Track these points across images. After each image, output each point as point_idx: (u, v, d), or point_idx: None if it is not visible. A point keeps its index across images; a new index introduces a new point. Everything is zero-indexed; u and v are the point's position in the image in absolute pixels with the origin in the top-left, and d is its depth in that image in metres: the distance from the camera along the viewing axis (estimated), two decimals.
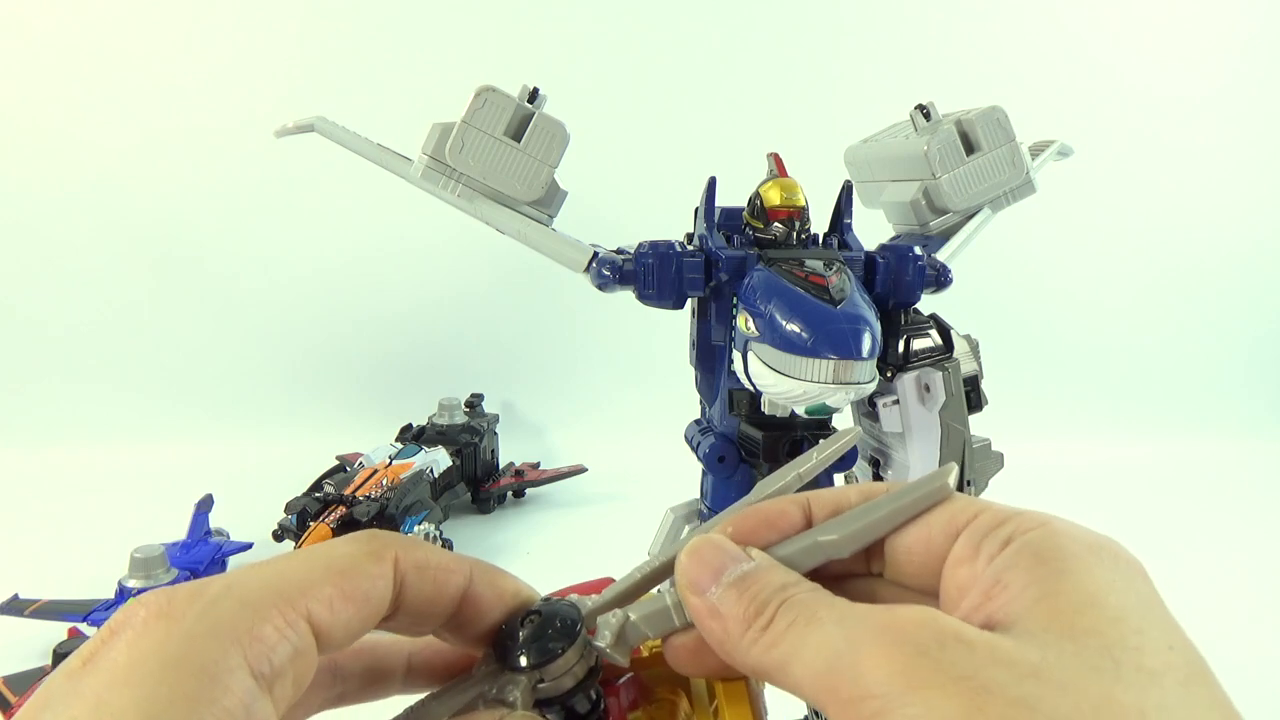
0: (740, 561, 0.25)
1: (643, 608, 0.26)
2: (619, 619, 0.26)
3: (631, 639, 0.26)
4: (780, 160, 0.57)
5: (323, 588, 0.23)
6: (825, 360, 0.45)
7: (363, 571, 0.24)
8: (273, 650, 0.21)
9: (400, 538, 0.26)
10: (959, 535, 0.24)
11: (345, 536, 0.26)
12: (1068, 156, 0.79)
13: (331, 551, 0.25)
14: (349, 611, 0.24)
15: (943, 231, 0.65)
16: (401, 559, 0.25)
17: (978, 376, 0.60)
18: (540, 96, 0.58)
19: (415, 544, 0.26)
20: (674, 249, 0.54)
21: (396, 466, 1.14)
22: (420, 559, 0.26)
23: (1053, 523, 0.23)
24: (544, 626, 0.26)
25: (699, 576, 0.25)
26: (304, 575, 0.23)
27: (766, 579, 0.24)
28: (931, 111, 0.65)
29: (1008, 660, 0.20)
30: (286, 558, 0.24)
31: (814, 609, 0.23)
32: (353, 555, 0.25)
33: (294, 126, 0.67)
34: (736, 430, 0.58)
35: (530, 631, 0.26)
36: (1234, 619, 0.99)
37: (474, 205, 0.58)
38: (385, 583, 0.25)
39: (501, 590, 0.28)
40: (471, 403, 1.38)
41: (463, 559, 0.27)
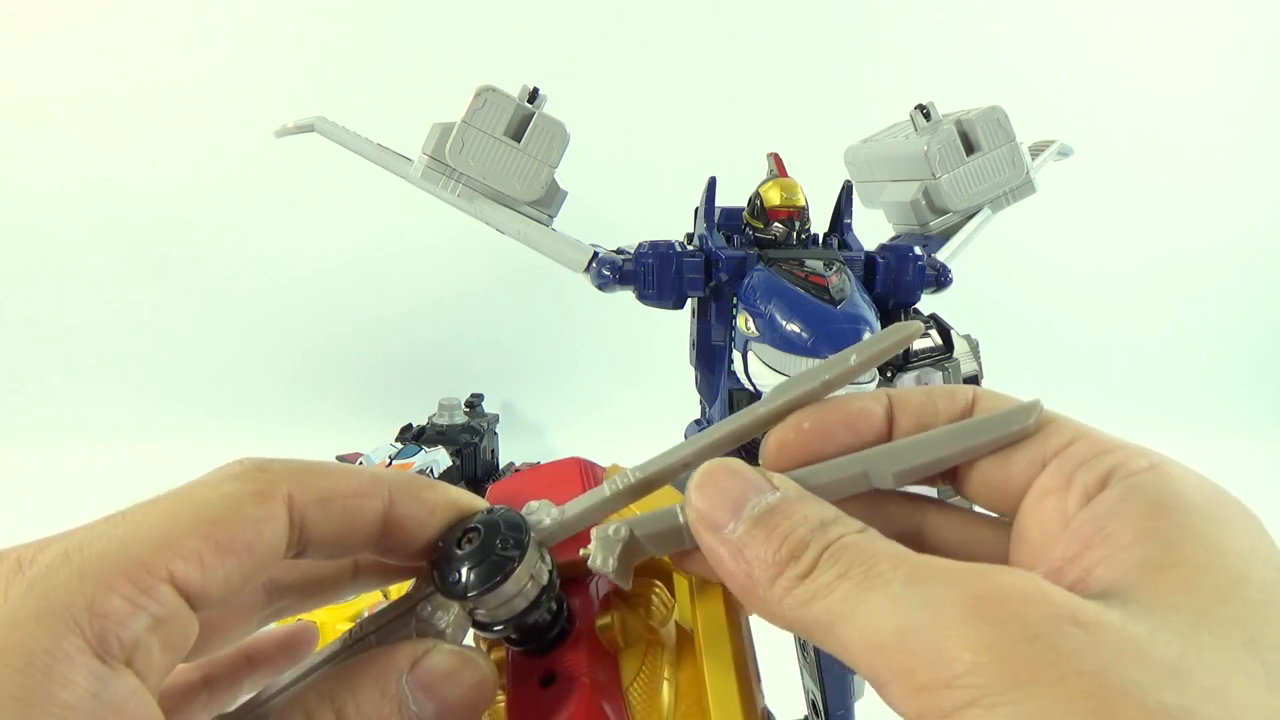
0: (764, 491, 0.21)
1: (649, 524, 0.23)
2: (620, 534, 0.23)
3: (634, 557, 0.23)
4: (780, 160, 0.57)
5: (187, 541, 0.19)
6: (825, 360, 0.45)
7: (241, 516, 0.20)
8: (122, 625, 0.18)
9: (296, 466, 0.22)
10: (1047, 463, 0.21)
11: (223, 471, 0.22)
12: (1068, 156, 0.79)
13: (202, 495, 0.21)
14: (227, 565, 0.20)
15: (943, 231, 0.65)
16: (296, 494, 0.21)
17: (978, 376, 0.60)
18: (540, 96, 0.58)
19: (315, 472, 0.22)
20: (674, 249, 0.54)
21: (396, 466, 1.14)
22: (322, 489, 0.22)
23: (1165, 464, 0.20)
24: (484, 549, 0.23)
25: (714, 509, 0.21)
26: (162, 530, 0.20)
27: (800, 513, 0.20)
28: (931, 111, 0.65)
29: (1141, 654, 0.16)
30: (143, 506, 0.20)
31: (873, 560, 0.19)
32: (229, 498, 0.21)
33: (294, 127, 0.67)
34: None
35: (468, 553, 0.23)
36: None
37: (474, 205, 0.58)
38: (275, 526, 0.21)
39: (431, 505, 0.24)
40: (471, 403, 1.38)
41: (378, 478, 0.23)
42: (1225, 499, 0.19)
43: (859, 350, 0.24)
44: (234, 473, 0.22)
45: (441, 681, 0.22)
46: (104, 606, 0.18)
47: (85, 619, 0.18)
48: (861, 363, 0.24)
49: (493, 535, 0.23)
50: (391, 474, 0.24)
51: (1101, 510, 0.19)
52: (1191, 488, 0.19)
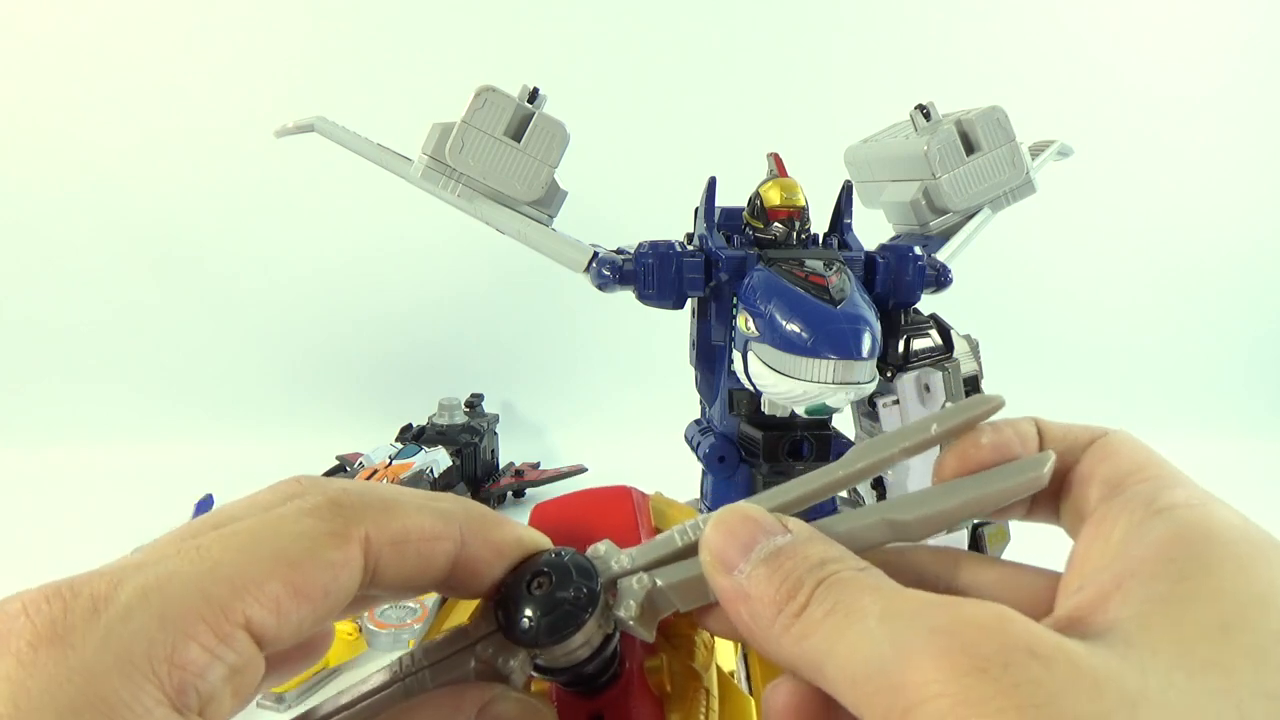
0: (775, 534, 0.21)
1: (673, 573, 0.23)
2: (644, 586, 0.23)
3: (660, 609, 0.23)
4: (780, 160, 0.57)
5: (266, 585, 0.19)
6: (825, 360, 0.45)
7: (321, 560, 0.20)
8: (200, 677, 0.18)
9: (373, 501, 0.22)
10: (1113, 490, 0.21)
11: (299, 502, 0.21)
12: (1068, 156, 0.79)
13: (280, 531, 0.20)
14: (301, 611, 0.19)
15: (943, 231, 0.65)
16: (373, 536, 0.21)
17: (978, 376, 0.60)
18: (540, 96, 0.58)
19: (391, 510, 0.22)
20: (674, 249, 0.55)
21: (396, 466, 1.14)
22: (398, 532, 0.21)
23: (1211, 503, 0.20)
24: (555, 598, 0.22)
25: (726, 552, 0.21)
26: (241, 570, 0.19)
27: (803, 553, 0.21)
28: (931, 111, 0.65)
29: (1096, 687, 0.16)
30: (220, 539, 0.20)
31: (857, 595, 0.19)
32: (307, 537, 0.20)
33: (294, 127, 0.67)
34: (736, 430, 0.58)
35: (539, 601, 0.22)
36: None
37: (474, 205, 0.58)
38: (350, 572, 0.20)
39: (500, 546, 0.23)
40: (471, 403, 1.38)
41: (451, 517, 0.23)
42: (1260, 541, 0.19)
43: (939, 420, 0.24)
44: (311, 506, 0.21)
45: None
46: (183, 657, 0.18)
47: (165, 670, 0.17)
48: (941, 433, 0.24)
49: (564, 583, 0.22)
50: (462, 510, 0.23)
51: (1136, 543, 0.19)
52: (1227, 526, 0.19)
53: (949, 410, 0.24)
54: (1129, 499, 0.21)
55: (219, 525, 0.20)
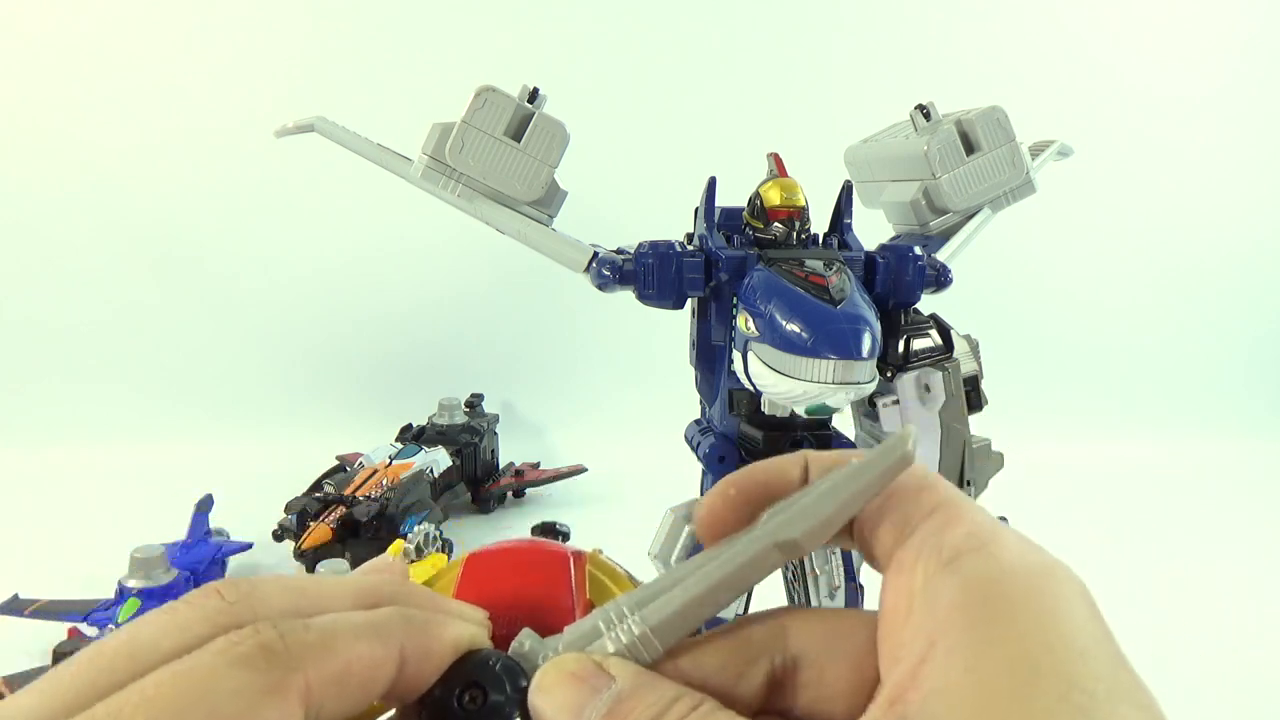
0: (600, 689, 0.21)
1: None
2: None
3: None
4: (780, 160, 0.57)
5: None
6: (825, 360, 0.45)
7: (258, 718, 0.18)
8: None
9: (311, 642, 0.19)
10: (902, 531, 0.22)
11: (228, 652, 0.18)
12: (1068, 156, 0.79)
13: (210, 691, 0.18)
14: None
15: (943, 231, 0.65)
16: (314, 681, 0.19)
17: (978, 376, 0.60)
18: (540, 96, 0.58)
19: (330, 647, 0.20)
20: (674, 249, 0.55)
21: (396, 466, 1.14)
22: (338, 670, 0.19)
23: (993, 544, 0.20)
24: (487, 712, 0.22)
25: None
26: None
27: (638, 707, 0.20)
28: (931, 111, 0.65)
29: None
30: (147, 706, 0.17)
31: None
32: (243, 696, 0.18)
33: (294, 127, 0.67)
34: (736, 430, 0.58)
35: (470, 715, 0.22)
36: (1234, 619, 0.99)
37: (474, 205, 0.58)
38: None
39: (439, 655, 0.22)
40: (471, 403, 1.38)
41: (390, 635, 0.21)
42: (1044, 571, 0.20)
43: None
44: (242, 655, 0.18)
45: None
46: None
47: None
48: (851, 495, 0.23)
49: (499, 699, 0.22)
50: (401, 623, 0.22)
51: (934, 601, 0.20)
52: (1012, 568, 0.20)
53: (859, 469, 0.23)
54: (920, 545, 0.21)
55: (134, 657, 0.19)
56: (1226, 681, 0.85)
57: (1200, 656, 0.89)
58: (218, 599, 0.20)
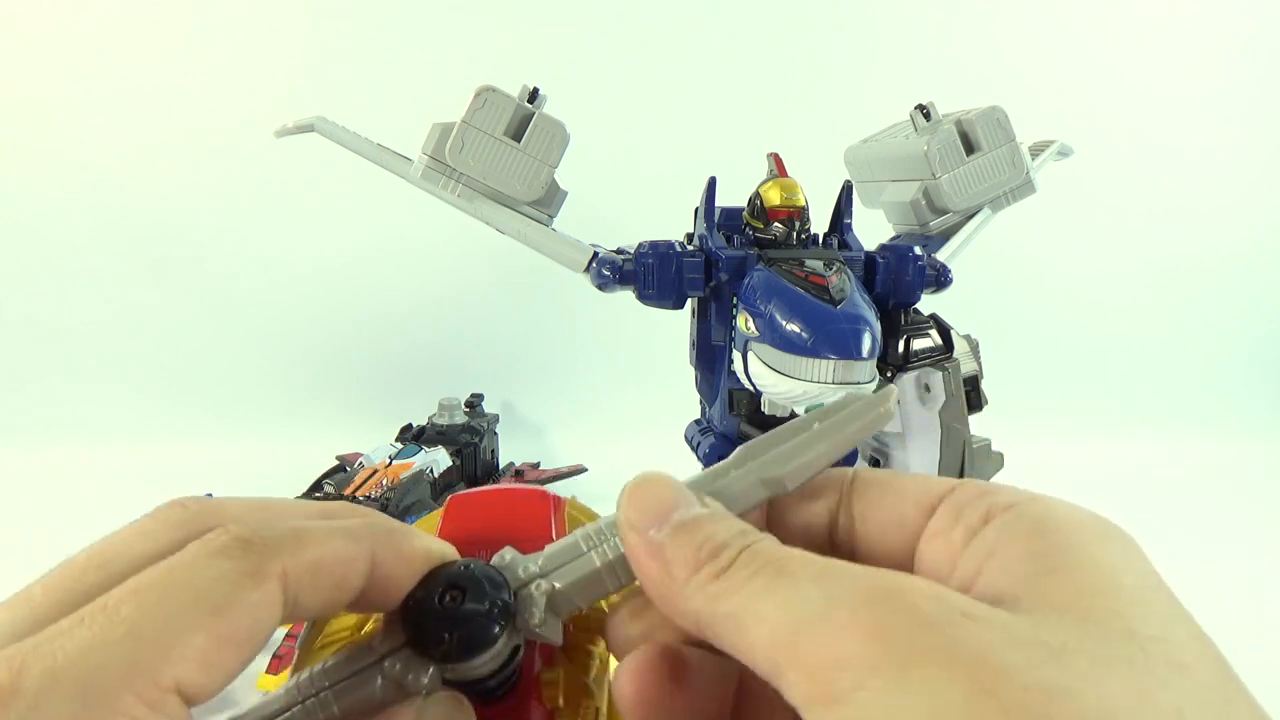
0: (692, 505, 0.22)
1: (569, 574, 0.23)
2: (544, 591, 0.23)
3: (561, 612, 0.23)
4: (780, 160, 0.57)
5: (192, 640, 0.17)
6: (825, 360, 0.45)
7: (243, 604, 0.18)
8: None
9: (285, 536, 0.20)
10: (935, 509, 0.21)
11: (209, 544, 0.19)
12: (1068, 156, 0.79)
13: (195, 578, 0.18)
14: (228, 658, 0.18)
15: (943, 231, 0.65)
16: (290, 569, 0.20)
17: (978, 376, 0.60)
18: (540, 96, 0.58)
19: (303, 540, 0.21)
20: (674, 249, 0.55)
21: (396, 466, 1.14)
22: (313, 559, 0.20)
23: (1043, 498, 0.21)
24: (468, 611, 0.22)
25: (643, 513, 0.22)
26: (164, 628, 0.17)
27: (724, 524, 0.21)
28: (931, 111, 0.65)
29: (1025, 640, 0.16)
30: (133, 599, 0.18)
31: (784, 561, 0.19)
32: (226, 581, 0.19)
33: (294, 126, 0.67)
34: (736, 430, 0.58)
35: (452, 616, 0.22)
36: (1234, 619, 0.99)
37: (474, 205, 0.58)
38: (271, 610, 0.19)
39: (410, 558, 0.23)
40: (471, 403, 1.38)
41: (360, 536, 0.22)
42: (1101, 522, 0.21)
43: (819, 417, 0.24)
44: (220, 546, 0.19)
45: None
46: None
47: None
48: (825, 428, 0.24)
49: (477, 596, 0.22)
50: (368, 528, 0.22)
51: (988, 538, 0.20)
52: (1069, 512, 0.20)
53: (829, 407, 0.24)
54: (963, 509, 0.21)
55: (105, 566, 0.19)
56: None
57: None
58: (181, 510, 0.21)
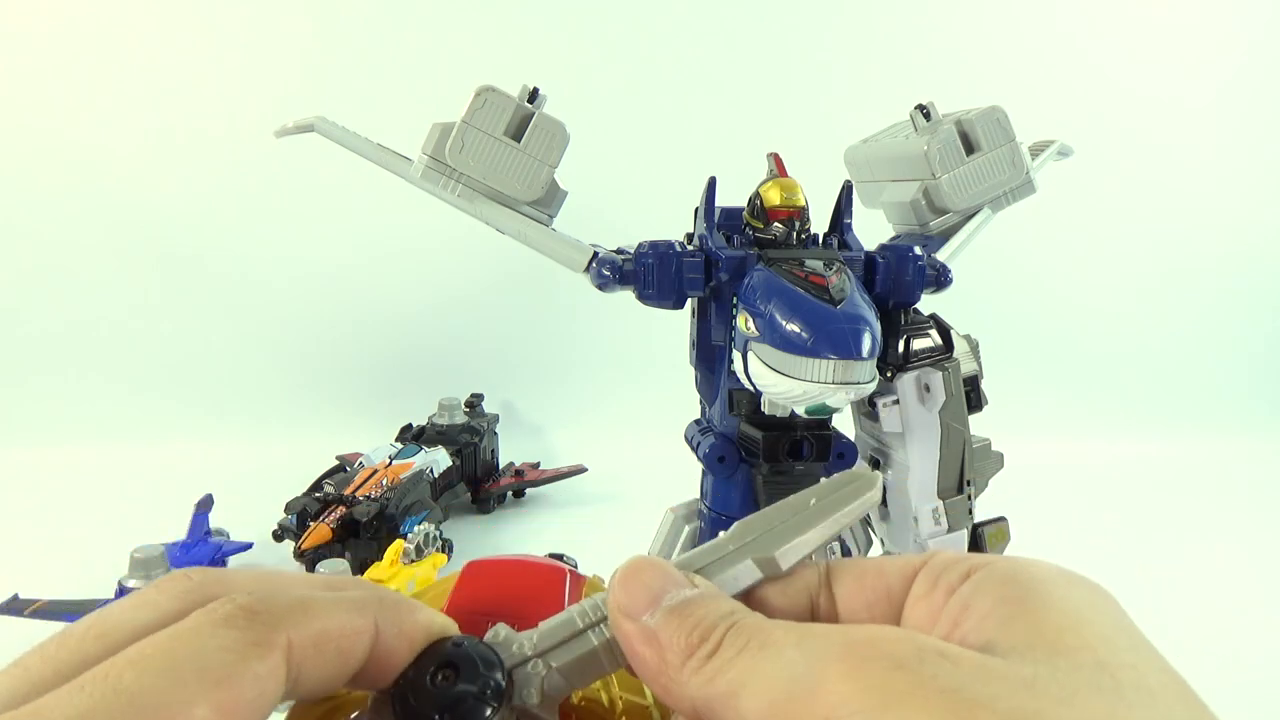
0: (682, 587, 0.22)
1: (565, 653, 0.23)
2: (540, 671, 0.23)
3: (555, 693, 0.23)
4: (780, 160, 0.57)
5: (194, 710, 0.17)
6: (825, 360, 0.45)
7: (246, 675, 0.18)
8: None
9: (292, 605, 0.20)
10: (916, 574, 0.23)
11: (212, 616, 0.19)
12: (1068, 156, 0.79)
13: (199, 648, 0.18)
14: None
15: (943, 231, 0.65)
16: (296, 640, 0.20)
17: (978, 376, 0.60)
18: (540, 96, 0.58)
19: (309, 612, 0.20)
20: (674, 249, 0.55)
21: (396, 466, 1.14)
22: (318, 632, 0.20)
23: (1018, 557, 0.22)
24: (460, 692, 0.21)
25: (634, 600, 0.22)
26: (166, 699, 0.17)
27: (712, 606, 0.22)
28: (931, 111, 0.65)
29: (998, 674, 0.18)
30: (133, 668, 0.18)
31: (768, 632, 0.20)
32: (231, 651, 0.18)
33: (294, 127, 0.67)
34: (736, 430, 0.58)
35: (444, 698, 0.21)
36: (1234, 619, 0.99)
37: (474, 205, 0.58)
38: (276, 682, 0.19)
39: (410, 635, 0.23)
40: (471, 403, 1.38)
41: (365, 608, 0.22)
42: (1071, 573, 0.22)
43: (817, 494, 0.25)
44: (225, 615, 0.19)
45: None
46: None
47: None
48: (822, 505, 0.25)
49: (470, 677, 0.22)
50: (375, 600, 0.22)
51: (964, 593, 0.21)
52: (1041, 566, 0.21)
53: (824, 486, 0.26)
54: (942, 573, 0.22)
55: (105, 636, 0.19)
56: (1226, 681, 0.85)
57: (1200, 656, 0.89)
58: (185, 581, 0.21)
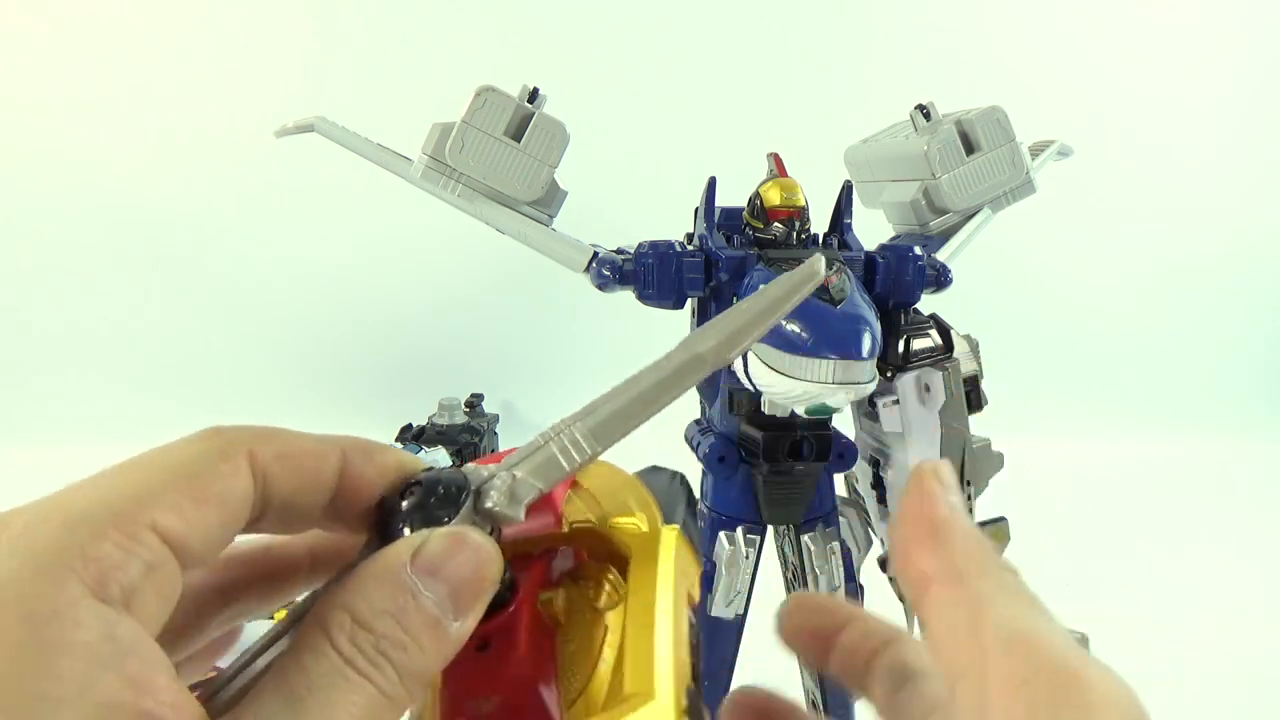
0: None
1: (528, 462, 0.24)
2: (505, 479, 0.24)
3: (522, 494, 0.24)
4: (780, 160, 0.57)
5: (166, 494, 0.20)
6: (825, 360, 0.45)
7: (212, 470, 0.21)
8: (118, 569, 0.18)
9: (253, 428, 0.23)
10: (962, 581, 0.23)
11: (187, 437, 0.22)
12: (1068, 156, 0.79)
13: (171, 455, 0.21)
14: (204, 516, 0.20)
15: (943, 231, 0.65)
16: (258, 451, 0.22)
17: (978, 376, 0.60)
18: (540, 96, 0.58)
19: (272, 433, 0.23)
20: (674, 249, 0.55)
21: None
22: (281, 448, 0.23)
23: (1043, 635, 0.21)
24: (427, 495, 0.23)
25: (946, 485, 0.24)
26: (141, 484, 0.20)
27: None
28: (931, 111, 0.65)
29: None
30: (116, 468, 0.21)
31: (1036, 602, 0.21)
32: (198, 454, 0.21)
33: (294, 126, 0.67)
34: (736, 430, 0.58)
35: (412, 502, 0.23)
36: (1234, 619, 0.99)
37: (474, 205, 0.58)
38: (242, 480, 0.21)
39: (382, 465, 0.24)
40: (471, 403, 1.38)
41: (330, 438, 0.24)
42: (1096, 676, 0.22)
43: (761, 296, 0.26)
44: (195, 434, 0.22)
45: (446, 563, 0.22)
46: (97, 551, 0.18)
47: (80, 565, 0.17)
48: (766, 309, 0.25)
49: (434, 484, 0.23)
50: (342, 436, 0.24)
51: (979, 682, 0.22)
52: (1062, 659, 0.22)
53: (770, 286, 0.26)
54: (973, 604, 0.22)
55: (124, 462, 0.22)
56: (1226, 680, 0.85)
57: (1200, 655, 0.89)
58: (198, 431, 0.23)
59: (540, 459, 0.24)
